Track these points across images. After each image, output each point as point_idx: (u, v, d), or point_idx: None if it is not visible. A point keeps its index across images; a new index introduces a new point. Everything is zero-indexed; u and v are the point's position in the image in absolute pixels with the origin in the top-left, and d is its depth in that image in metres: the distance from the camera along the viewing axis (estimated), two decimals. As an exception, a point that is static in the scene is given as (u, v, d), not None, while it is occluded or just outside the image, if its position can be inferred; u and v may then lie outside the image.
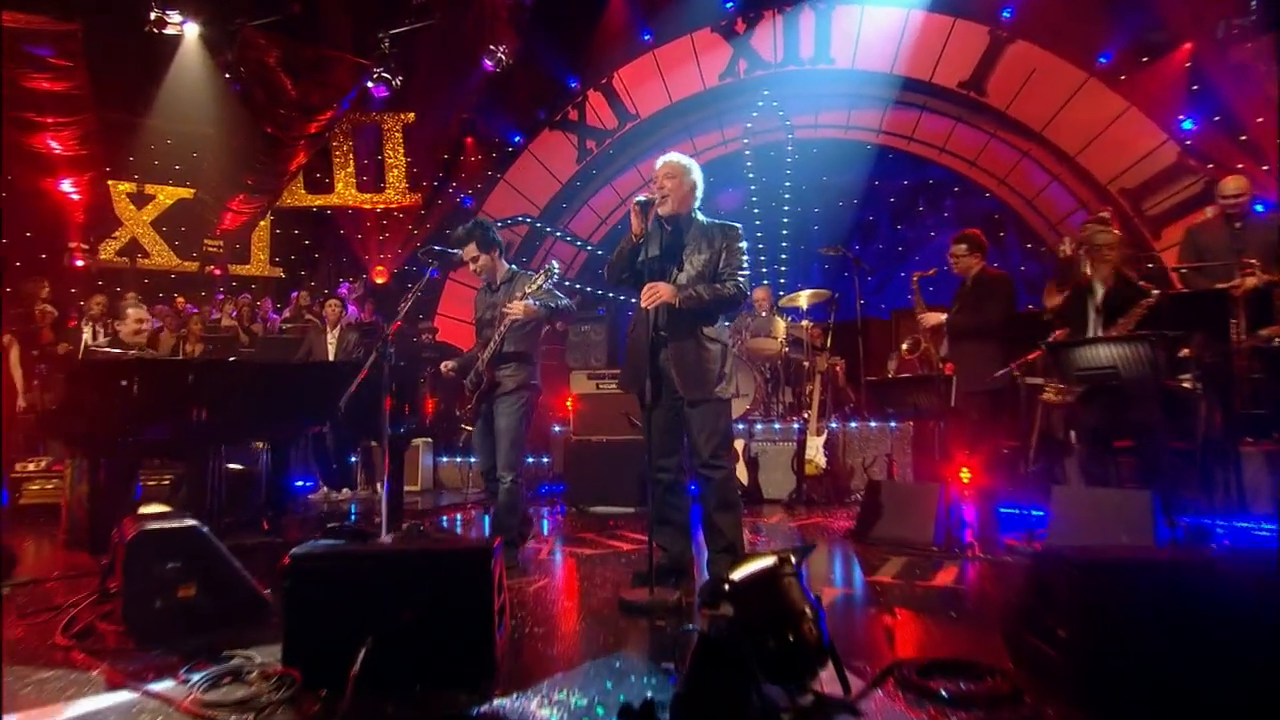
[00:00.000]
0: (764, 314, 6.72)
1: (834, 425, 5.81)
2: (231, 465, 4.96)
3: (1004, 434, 4.08)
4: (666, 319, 2.59)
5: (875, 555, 3.51)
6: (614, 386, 5.44)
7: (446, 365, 3.40)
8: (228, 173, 10.27)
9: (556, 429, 6.64)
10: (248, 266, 12.55)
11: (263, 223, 12.22)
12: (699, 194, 2.75)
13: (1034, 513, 3.84)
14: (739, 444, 5.65)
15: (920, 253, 10.95)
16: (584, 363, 8.48)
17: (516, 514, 3.22)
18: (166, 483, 4.54)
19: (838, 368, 7.03)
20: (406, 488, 6.86)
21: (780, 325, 6.52)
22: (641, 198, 2.64)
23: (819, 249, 7.12)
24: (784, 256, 10.51)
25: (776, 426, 5.94)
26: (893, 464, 4.67)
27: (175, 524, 2.33)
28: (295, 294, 10.93)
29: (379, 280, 11.47)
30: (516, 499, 3.18)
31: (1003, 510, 4.03)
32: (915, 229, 10.97)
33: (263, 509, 4.20)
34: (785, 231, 10.52)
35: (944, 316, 4.16)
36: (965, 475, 3.98)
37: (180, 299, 10.79)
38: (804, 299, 6.46)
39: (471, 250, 3.28)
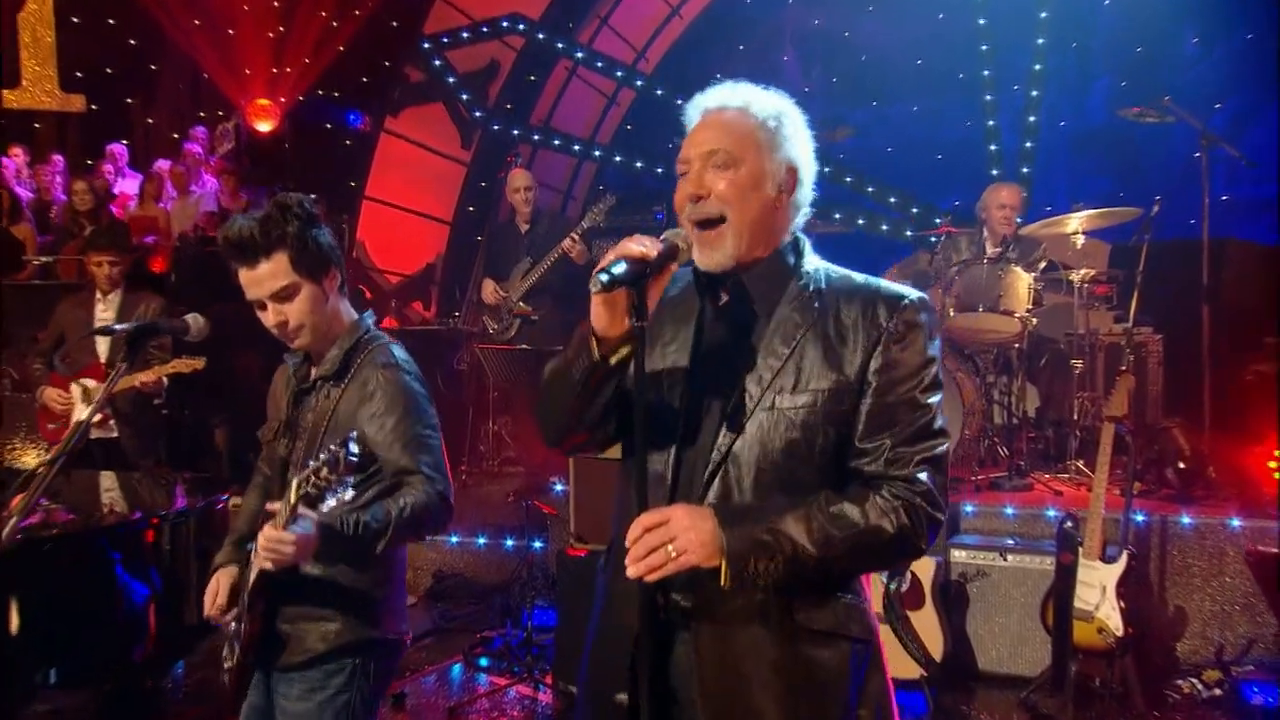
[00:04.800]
0: (986, 258, 6.20)
1: (1140, 519, 5.17)
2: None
3: None
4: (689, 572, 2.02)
5: None
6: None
7: (212, 602, 2.79)
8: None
9: (559, 487, 6.47)
10: (15, 93, 11.72)
11: (34, 5, 11.38)
12: (803, 194, 2.15)
13: None
14: (928, 566, 4.92)
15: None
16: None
17: None
18: None
19: (1150, 345, 6.46)
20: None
21: (1023, 282, 5.97)
22: (638, 243, 1.94)
23: (1120, 109, 6.37)
24: (1034, 99, 9.37)
25: (1009, 511, 5.41)
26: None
27: None
28: (112, 148, 10.31)
29: (263, 125, 10.93)
30: None
31: None
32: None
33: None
34: (1041, 40, 9.34)
35: None
36: None
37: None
38: (1076, 222, 5.96)
39: (276, 271, 2.63)
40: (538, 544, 6.12)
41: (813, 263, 2.13)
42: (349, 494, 2.28)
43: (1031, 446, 6.20)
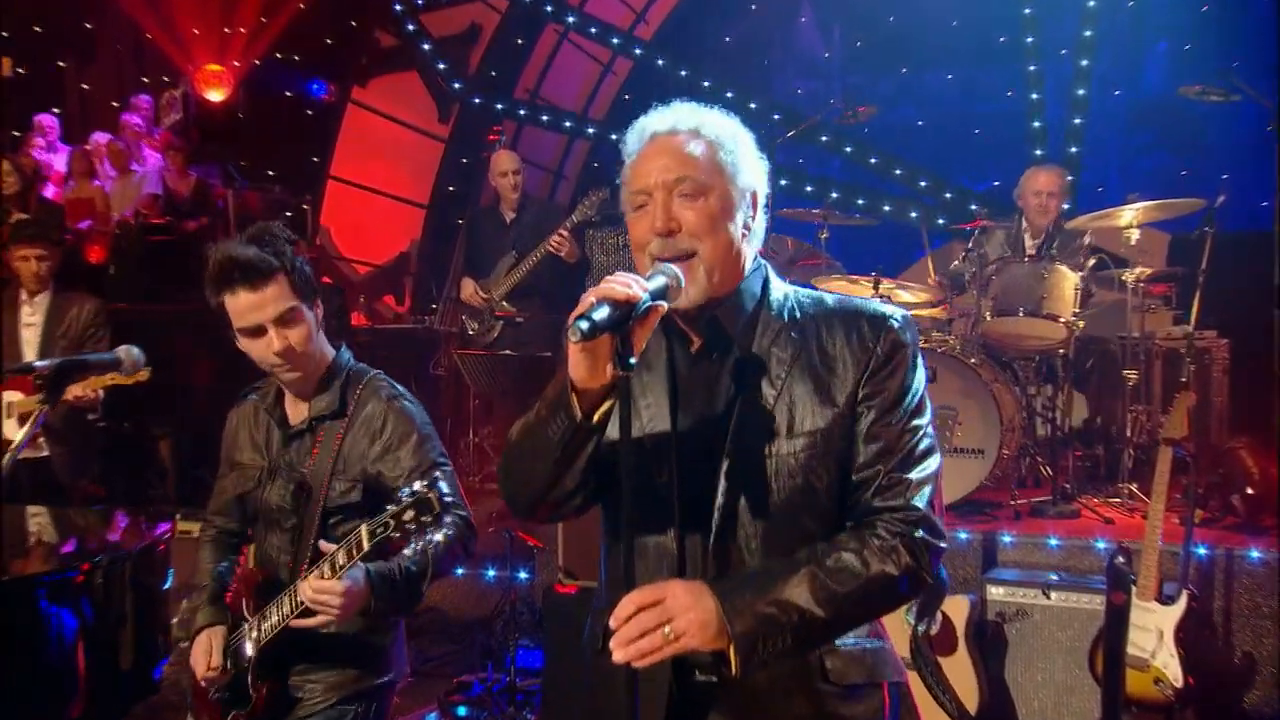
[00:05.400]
0: (1027, 256, 6.24)
1: (1201, 552, 5.11)
2: None
3: None
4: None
5: None
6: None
7: (206, 665, 2.95)
8: None
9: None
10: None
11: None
12: (761, 219, 2.23)
13: None
14: (961, 605, 4.94)
15: None
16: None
17: None
18: None
19: (1214, 352, 6.45)
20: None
21: (1069, 282, 5.99)
22: (622, 283, 1.91)
23: (1182, 86, 6.27)
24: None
25: (1052, 542, 5.37)
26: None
27: None
28: (41, 119, 10.27)
29: (213, 94, 10.97)
30: None
31: None
32: None
33: None
34: (1092, 3, 9.39)
35: None
36: None
37: None
38: (1131, 215, 5.95)
39: (280, 294, 2.82)
40: (523, 575, 6.08)
41: (780, 288, 2.18)
42: (439, 535, 2.53)
43: (1078, 465, 6.18)
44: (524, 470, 2.11)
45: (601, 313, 1.81)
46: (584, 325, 1.80)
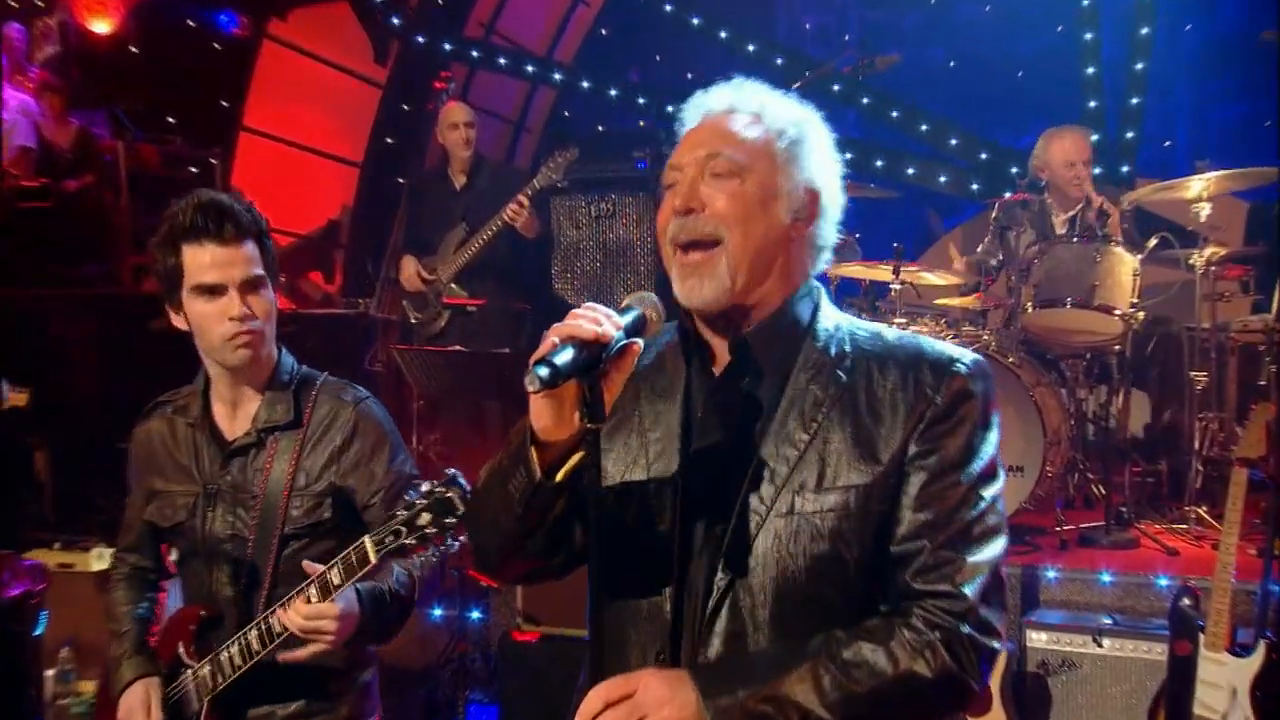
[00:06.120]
0: (1077, 235, 6.43)
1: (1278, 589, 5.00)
2: None
3: None
4: None
5: None
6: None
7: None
8: None
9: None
10: None
11: None
12: (825, 230, 2.25)
13: None
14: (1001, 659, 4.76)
15: None
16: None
17: None
18: None
19: None
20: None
21: (1126, 267, 6.04)
22: (591, 319, 1.96)
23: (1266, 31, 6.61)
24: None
25: (1105, 578, 5.37)
26: None
27: None
28: None
29: (98, 24, 10.87)
30: None
31: None
32: None
33: None
34: None
35: None
36: None
37: None
38: (1199, 187, 6.02)
39: (251, 256, 2.98)
40: (476, 614, 6.15)
41: (833, 318, 2.18)
42: (457, 544, 2.64)
43: (1137, 484, 6.20)
44: (489, 520, 2.17)
45: (565, 356, 1.82)
46: (543, 372, 1.81)
